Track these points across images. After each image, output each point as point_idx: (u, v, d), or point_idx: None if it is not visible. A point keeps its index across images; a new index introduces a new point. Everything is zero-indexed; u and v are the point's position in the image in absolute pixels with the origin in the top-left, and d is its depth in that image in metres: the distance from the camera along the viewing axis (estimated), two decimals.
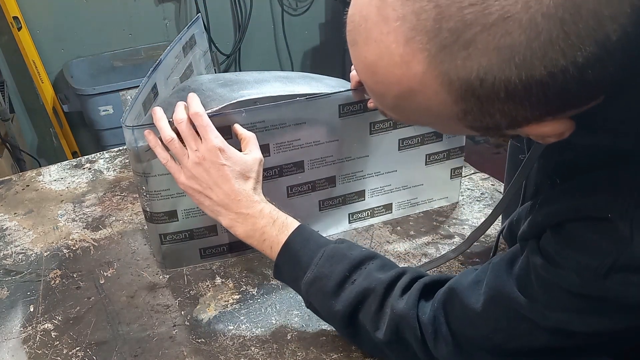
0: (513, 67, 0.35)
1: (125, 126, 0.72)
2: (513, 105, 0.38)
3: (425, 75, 0.38)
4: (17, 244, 0.95)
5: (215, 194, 0.70)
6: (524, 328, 0.54)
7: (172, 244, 0.84)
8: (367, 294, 0.64)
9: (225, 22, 2.54)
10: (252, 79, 0.83)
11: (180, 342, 0.74)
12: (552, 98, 0.37)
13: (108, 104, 2.09)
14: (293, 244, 0.69)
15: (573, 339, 0.52)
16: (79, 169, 1.15)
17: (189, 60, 0.81)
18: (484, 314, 0.56)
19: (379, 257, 0.68)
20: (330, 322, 0.69)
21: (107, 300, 0.82)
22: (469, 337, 0.58)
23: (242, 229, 0.71)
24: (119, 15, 2.31)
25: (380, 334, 0.62)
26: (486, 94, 0.37)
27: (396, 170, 0.91)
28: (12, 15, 2.05)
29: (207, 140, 0.70)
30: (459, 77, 0.37)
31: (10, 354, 0.74)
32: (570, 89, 0.37)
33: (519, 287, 0.53)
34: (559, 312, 0.51)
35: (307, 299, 0.68)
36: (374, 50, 0.40)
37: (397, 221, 0.96)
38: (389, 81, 0.41)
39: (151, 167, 0.76)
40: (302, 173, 0.85)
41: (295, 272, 0.69)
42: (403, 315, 0.61)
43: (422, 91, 0.40)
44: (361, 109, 0.82)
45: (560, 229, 0.50)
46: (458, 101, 0.39)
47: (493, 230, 0.92)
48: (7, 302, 0.83)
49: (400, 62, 0.39)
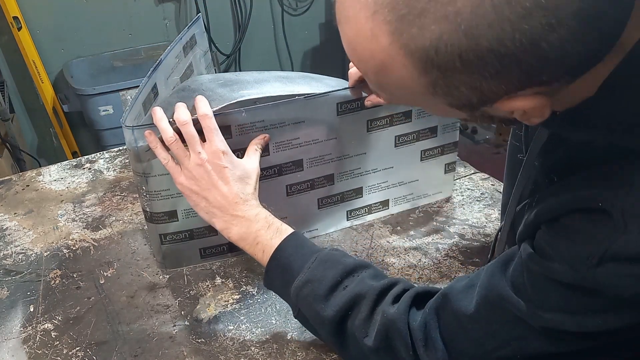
0: (462, 35, 0.36)
1: (125, 126, 0.72)
2: (473, 76, 0.39)
3: (392, 47, 0.40)
4: (17, 244, 0.95)
5: (213, 196, 0.71)
6: (516, 332, 0.53)
7: (172, 244, 0.84)
8: (359, 300, 0.63)
9: (225, 22, 2.54)
10: (252, 79, 0.83)
11: (180, 342, 0.75)
12: (509, 69, 0.38)
13: (108, 104, 2.09)
14: (286, 247, 0.69)
15: (566, 343, 0.52)
16: (79, 169, 1.16)
17: (189, 60, 0.81)
18: (476, 315, 0.56)
19: (372, 267, 0.68)
20: (318, 327, 0.67)
21: (107, 300, 0.82)
22: (461, 343, 0.58)
23: (236, 231, 0.71)
24: (119, 15, 2.31)
25: (369, 340, 0.61)
26: (444, 64, 0.39)
27: (392, 166, 0.92)
28: (12, 15, 2.05)
29: (211, 142, 0.70)
30: (417, 46, 0.39)
31: (10, 354, 0.74)
32: (527, 60, 0.37)
33: (512, 286, 0.53)
34: (551, 312, 0.50)
35: (295, 303, 0.67)
36: (352, 26, 0.42)
37: (397, 221, 0.96)
38: (366, 57, 0.43)
39: (151, 167, 0.76)
40: (301, 172, 0.85)
41: (286, 276, 0.68)
42: (394, 320, 0.60)
43: (392, 65, 0.41)
44: (359, 106, 0.83)
45: (554, 222, 0.50)
46: (422, 73, 0.40)
47: (493, 230, 0.92)
48: (7, 302, 0.83)
49: (371, 35, 0.41)
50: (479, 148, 2.57)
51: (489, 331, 0.55)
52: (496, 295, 0.54)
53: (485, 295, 0.55)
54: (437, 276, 0.84)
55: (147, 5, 2.35)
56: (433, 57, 0.38)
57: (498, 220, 0.94)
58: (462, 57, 0.37)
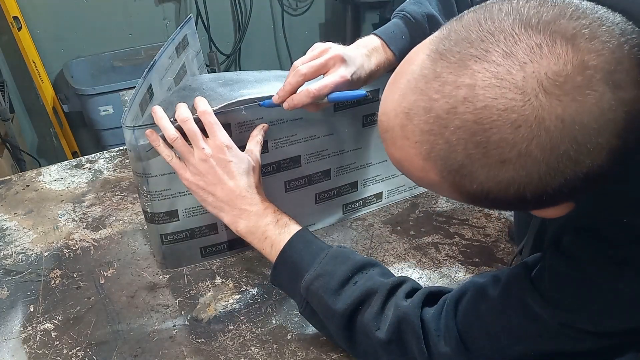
0: (510, 192, 0.42)
1: (126, 126, 0.72)
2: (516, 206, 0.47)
3: (440, 182, 0.46)
4: (17, 244, 0.95)
5: (220, 190, 0.71)
6: (534, 328, 0.54)
7: (173, 244, 0.84)
8: (370, 295, 0.64)
9: (225, 22, 2.54)
10: (253, 78, 0.84)
11: (180, 342, 0.74)
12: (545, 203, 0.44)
13: (108, 104, 2.09)
14: (296, 244, 0.69)
15: (583, 342, 0.52)
16: (79, 169, 1.15)
17: (182, 61, 0.81)
18: (495, 309, 0.56)
19: (380, 265, 0.69)
20: (328, 321, 0.67)
21: (107, 300, 0.82)
22: (476, 336, 0.58)
23: (244, 225, 0.71)
24: (119, 15, 2.31)
25: (380, 333, 0.62)
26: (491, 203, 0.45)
27: (386, 160, 0.94)
28: (12, 15, 2.05)
29: (215, 137, 0.71)
30: (468, 191, 0.45)
31: (10, 354, 0.74)
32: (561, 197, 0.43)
33: (534, 284, 0.54)
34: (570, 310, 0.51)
35: (305, 298, 0.68)
36: (399, 153, 0.47)
37: (397, 221, 0.96)
38: (413, 175, 0.48)
39: (151, 168, 0.76)
40: (299, 168, 0.86)
41: (295, 271, 0.68)
42: (407, 313, 0.61)
43: (439, 188, 0.47)
44: (355, 102, 0.84)
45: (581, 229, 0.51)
46: (467, 200, 0.47)
47: (493, 230, 0.92)
48: (7, 302, 0.82)
49: (421, 169, 0.46)
50: None
51: (506, 326, 0.56)
52: (517, 290, 0.55)
53: (507, 290, 0.56)
54: (437, 276, 0.84)
55: (147, 5, 2.35)
56: (482, 199, 0.45)
57: (498, 220, 0.94)
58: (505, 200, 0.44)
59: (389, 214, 0.98)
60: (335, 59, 0.71)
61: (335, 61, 0.71)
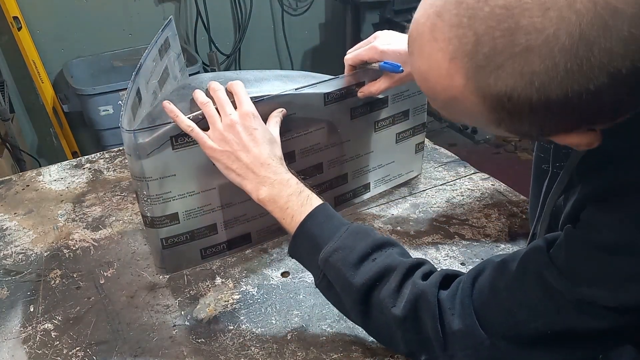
0: (534, 90, 0.42)
1: (125, 130, 0.72)
2: (537, 118, 0.45)
3: (465, 87, 0.46)
4: (17, 244, 0.95)
5: (246, 156, 0.72)
6: (551, 305, 0.54)
7: (173, 247, 0.84)
8: (388, 272, 0.65)
9: (225, 22, 2.54)
10: (253, 77, 0.84)
11: (180, 342, 0.74)
12: (571, 115, 0.44)
13: (108, 104, 2.09)
14: (317, 216, 0.70)
15: (600, 319, 0.52)
16: (79, 169, 1.15)
17: (164, 64, 0.82)
18: (512, 284, 0.56)
19: (400, 246, 0.69)
20: (344, 295, 0.67)
21: (107, 300, 0.82)
22: (492, 311, 0.58)
23: (267, 193, 0.71)
24: (119, 15, 2.32)
25: (397, 310, 0.62)
26: (513, 108, 0.44)
27: (372, 151, 0.97)
28: (12, 15, 2.05)
29: (242, 104, 0.74)
30: (491, 93, 0.44)
31: (10, 354, 0.74)
32: (587, 108, 0.43)
33: (552, 259, 0.54)
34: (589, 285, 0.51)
35: (322, 269, 0.67)
36: (426, 62, 0.48)
37: (397, 221, 0.96)
38: (438, 89, 0.48)
39: (151, 171, 0.76)
40: (293, 163, 0.87)
41: (314, 243, 0.68)
42: (425, 292, 0.61)
43: (464, 100, 0.47)
44: (343, 95, 0.86)
45: (602, 202, 0.52)
46: (492, 111, 0.46)
47: (493, 230, 0.92)
48: (7, 302, 0.82)
49: (446, 74, 0.46)
50: (479, 148, 2.57)
51: (523, 301, 0.56)
52: (535, 266, 0.55)
53: (525, 266, 0.56)
54: None
55: (147, 5, 2.35)
56: (505, 103, 0.44)
57: (498, 220, 0.94)
58: (532, 106, 0.43)
59: (389, 213, 0.98)
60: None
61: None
